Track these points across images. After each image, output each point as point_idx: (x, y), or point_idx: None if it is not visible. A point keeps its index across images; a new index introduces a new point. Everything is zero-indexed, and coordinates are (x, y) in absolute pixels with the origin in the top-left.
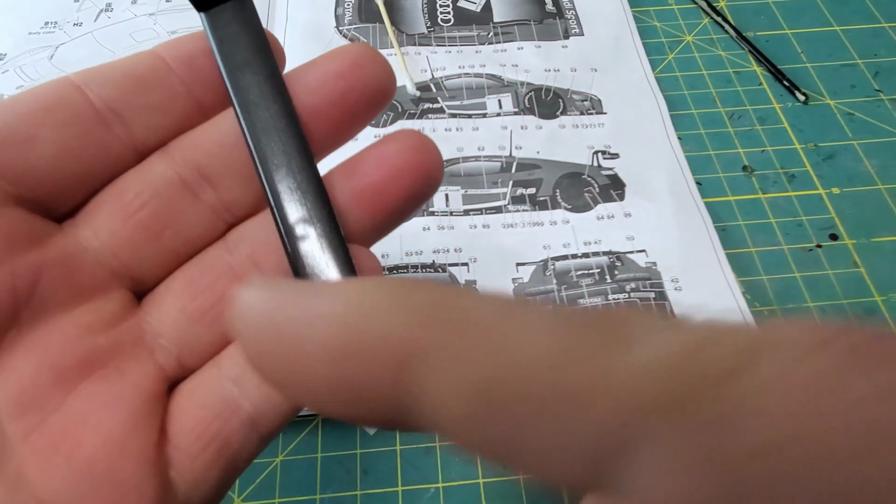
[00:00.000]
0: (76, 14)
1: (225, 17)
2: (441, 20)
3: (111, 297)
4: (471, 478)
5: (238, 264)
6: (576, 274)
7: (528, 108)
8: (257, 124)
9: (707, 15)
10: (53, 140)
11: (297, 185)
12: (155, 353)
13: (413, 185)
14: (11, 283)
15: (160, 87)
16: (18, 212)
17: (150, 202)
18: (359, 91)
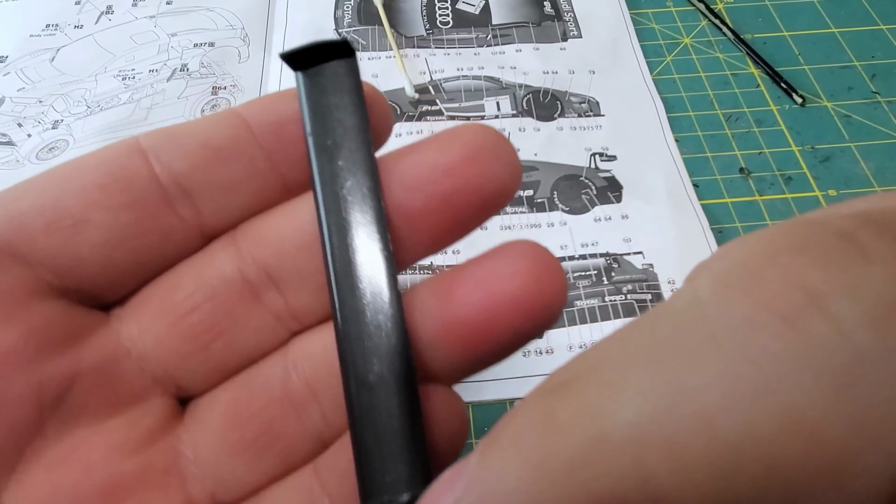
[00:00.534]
0: (77, 16)
1: (322, 80)
2: (440, 22)
3: (149, 407)
4: None
5: (294, 391)
6: (573, 276)
7: (527, 111)
8: (338, 227)
9: (705, 17)
10: (108, 225)
11: (373, 315)
12: (187, 482)
13: (524, 321)
14: (38, 395)
15: (241, 161)
16: (58, 305)
17: (203, 305)
18: (470, 194)
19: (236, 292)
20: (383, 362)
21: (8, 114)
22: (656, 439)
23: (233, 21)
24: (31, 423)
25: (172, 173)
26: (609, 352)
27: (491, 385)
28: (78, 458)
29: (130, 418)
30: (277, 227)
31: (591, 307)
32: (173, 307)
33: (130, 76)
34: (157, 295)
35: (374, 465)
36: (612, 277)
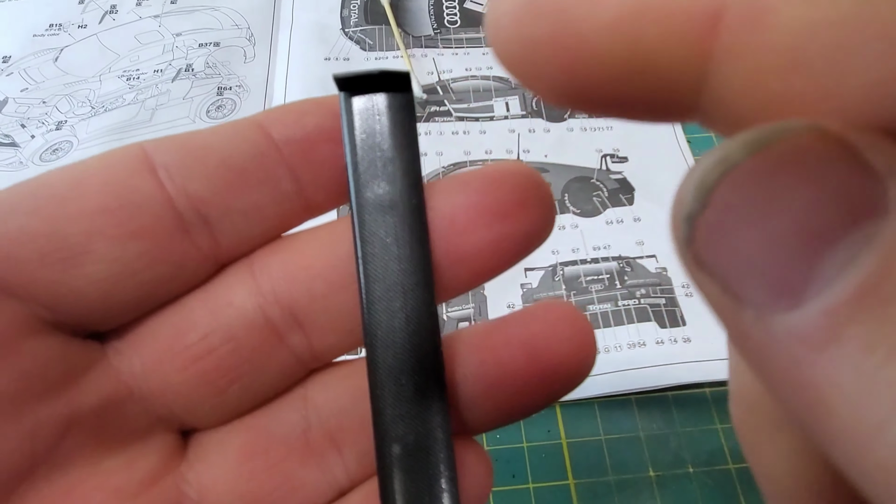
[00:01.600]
0: (81, 16)
1: (374, 113)
2: (448, 22)
3: (151, 445)
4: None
5: (315, 442)
6: (585, 279)
7: (536, 111)
8: (380, 272)
9: None
10: (113, 257)
11: (411, 360)
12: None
13: (561, 385)
14: (30, 442)
15: (265, 184)
16: (52, 341)
17: (219, 349)
18: (519, 238)
19: (257, 334)
20: (422, 430)
21: (11, 115)
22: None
23: (238, 20)
24: (23, 470)
25: (189, 197)
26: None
27: None
28: (73, 503)
29: (130, 458)
30: (307, 262)
31: (603, 312)
32: (185, 349)
33: (135, 76)
34: (165, 331)
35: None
36: (625, 281)
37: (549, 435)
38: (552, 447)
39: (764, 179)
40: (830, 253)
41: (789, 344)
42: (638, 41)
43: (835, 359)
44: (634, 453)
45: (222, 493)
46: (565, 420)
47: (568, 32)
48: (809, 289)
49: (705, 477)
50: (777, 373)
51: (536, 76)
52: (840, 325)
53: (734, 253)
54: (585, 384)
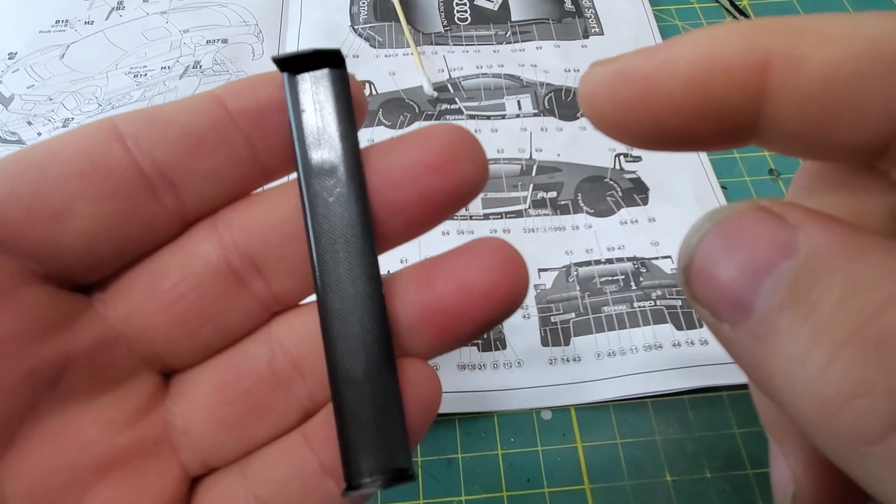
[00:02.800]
0: (87, 12)
1: (312, 87)
2: (458, 19)
3: (139, 383)
4: (494, 490)
5: (280, 370)
6: (599, 280)
7: (548, 110)
8: (325, 227)
9: (729, 14)
10: (90, 215)
11: (355, 302)
12: (179, 451)
13: (492, 311)
14: (31, 380)
15: (222, 150)
16: (44, 290)
17: (189, 294)
18: (449, 190)
19: (221, 280)
20: (367, 355)
21: (17, 112)
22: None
23: (246, 17)
24: (25, 407)
25: (154, 162)
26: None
27: (517, 394)
28: (72, 434)
29: (120, 395)
30: (262, 217)
31: (619, 313)
32: (161, 295)
33: (142, 73)
34: (143, 281)
35: (357, 451)
36: (640, 282)
37: (564, 439)
38: (567, 451)
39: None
40: (765, 282)
41: (747, 342)
42: (708, 92)
43: (773, 345)
44: (651, 458)
45: (202, 420)
46: (580, 424)
47: (653, 94)
48: (755, 306)
49: (723, 482)
50: (746, 364)
51: (628, 131)
52: (773, 323)
53: (712, 289)
54: (601, 387)
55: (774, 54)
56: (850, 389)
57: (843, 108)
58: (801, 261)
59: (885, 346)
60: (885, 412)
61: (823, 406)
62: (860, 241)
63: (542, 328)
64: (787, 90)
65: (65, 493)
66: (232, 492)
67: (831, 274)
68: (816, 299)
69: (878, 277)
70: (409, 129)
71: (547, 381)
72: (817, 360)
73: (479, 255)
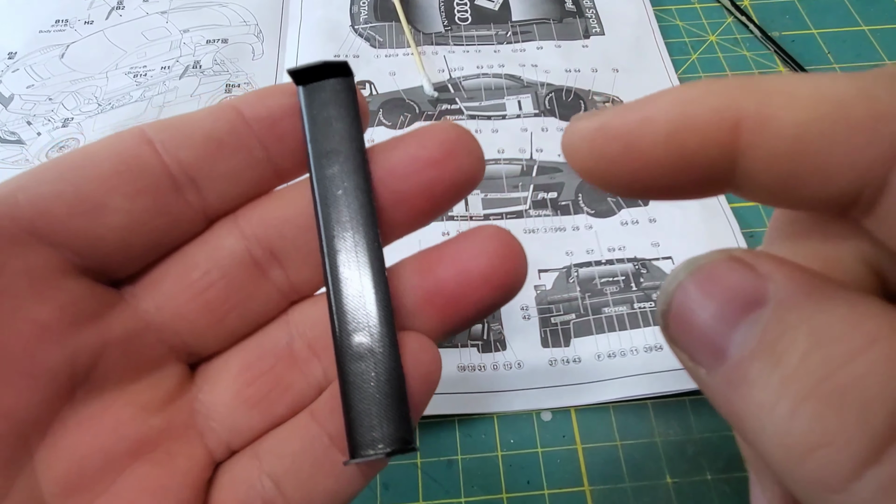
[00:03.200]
0: (87, 12)
1: (322, 95)
2: (458, 19)
3: (167, 372)
4: (494, 492)
5: (298, 351)
6: (600, 281)
7: (549, 110)
8: (334, 218)
9: (731, 14)
10: (125, 210)
11: (360, 283)
12: (205, 435)
13: (492, 294)
14: (71, 363)
15: (241, 152)
16: (82, 282)
17: (218, 282)
18: (448, 181)
19: (245, 269)
20: (370, 332)
21: (17, 111)
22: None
23: (246, 17)
24: (64, 392)
25: (181, 163)
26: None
27: (517, 395)
28: (107, 418)
29: (151, 382)
30: (279, 212)
31: (619, 314)
32: (190, 284)
33: (142, 73)
34: (172, 273)
35: (361, 424)
36: (640, 283)
37: (564, 440)
38: (567, 453)
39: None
40: (737, 331)
41: (721, 387)
42: (685, 150)
43: (744, 393)
44: (651, 459)
45: (228, 401)
46: (581, 425)
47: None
48: (728, 353)
49: (723, 484)
50: (721, 408)
51: (611, 182)
52: (745, 371)
53: (688, 334)
54: (601, 388)
55: (746, 114)
56: (814, 440)
57: (812, 166)
58: (770, 311)
59: (843, 401)
60: (844, 463)
61: (789, 454)
62: (826, 291)
63: (542, 329)
64: (758, 148)
65: (100, 475)
66: (246, 472)
67: (798, 326)
68: (784, 350)
69: (840, 332)
70: (409, 129)
71: (547, 382)
72: (784, 410)
73: (477, 241)
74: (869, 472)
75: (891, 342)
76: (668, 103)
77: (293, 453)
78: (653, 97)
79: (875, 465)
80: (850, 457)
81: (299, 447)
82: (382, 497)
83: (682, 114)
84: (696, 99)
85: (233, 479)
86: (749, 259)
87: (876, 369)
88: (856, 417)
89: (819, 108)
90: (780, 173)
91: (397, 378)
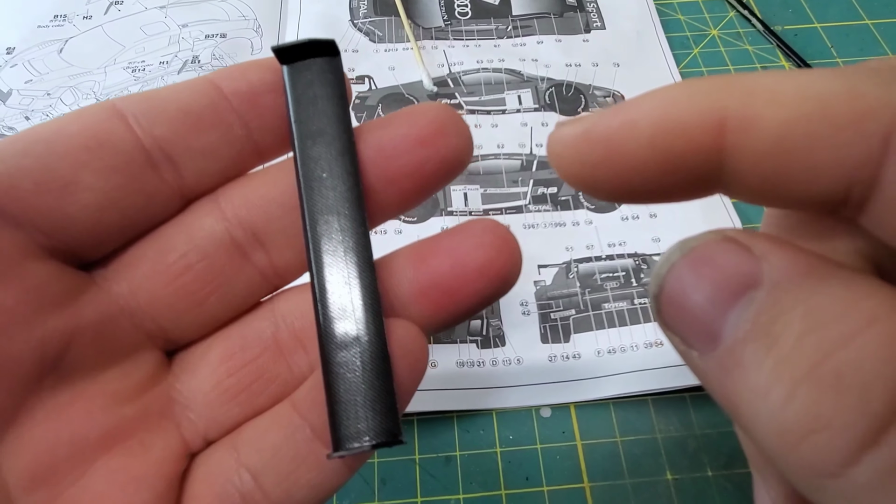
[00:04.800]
0: (86, 7)
1: (308, 74)
2: (458, 13)
3: (142, 359)
4: (493, 489)
5: (283, 341)
6: (600, 277)
7: (549, 104)
8: (318, 202)
9: (733, 8)
10: (97, 187)
11: (346, 269)
12: (181, 425)
13: (486, 287)
14: (39, 351)
15: (218, 128)
16: (50, 265)
17: (196, 265)
18: (438, 161)
19: (226, 252)
20: (356, 320)
21: (15, 107)
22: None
23: (245, 12)
24: (31, 380)
25: (155, 138)
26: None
27: (516, 391)
28: (77, 407)
29: (124, 370)
30: (263, 191)
31: (619, 310)
32: (167, 267)
33: (140, 68)
34: (148, 256)
35: (346, 416)
36: (641, 279)
37: (563, 436)
38: (567, 449)
39: (690, 270)
40: (731, 313)
41: (715, 371)
42: (669, 153)
43: (738, 377)
44: (651, 456)
45: (207, 391)
46: (580, 421)
47: (617, 155)
48: (722, 336)
49: (724, 481)
50: (714, 392)
51: (597, 187)
52: (739, 355)
53: (681, 318)
54: (601, 384)
55: (729, 114)
56: (809, 425)
57: (798, 165)
58: (764, 293)
59: (841, 384)
60: (842, 447)
61: (785, 439)
62: (822, 272)
63: (541, 325)
64: (744, 149)
65: (69, 466)
66: (223, 465)
67: (793, 308)
68: (779, 333)
69: (836, 312)
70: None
71: (546, 378)
72: (778, 395)
73: (472, 234)
74: (867, 457)
75: (890, 322)
76: (651, 106)
77: (273, 446)
78: (636, 100)
79: (873, 449)
80: (848, 441)
81: (280, 439)
82: (380, 493)
83: (665, 116)
84: (679, 100)
85: (209, 472)
86: (743, 239)
87: (874, 351)
88: (853, 400)
89: (803, 106)
90: (767, 173)
91: (384, 367)
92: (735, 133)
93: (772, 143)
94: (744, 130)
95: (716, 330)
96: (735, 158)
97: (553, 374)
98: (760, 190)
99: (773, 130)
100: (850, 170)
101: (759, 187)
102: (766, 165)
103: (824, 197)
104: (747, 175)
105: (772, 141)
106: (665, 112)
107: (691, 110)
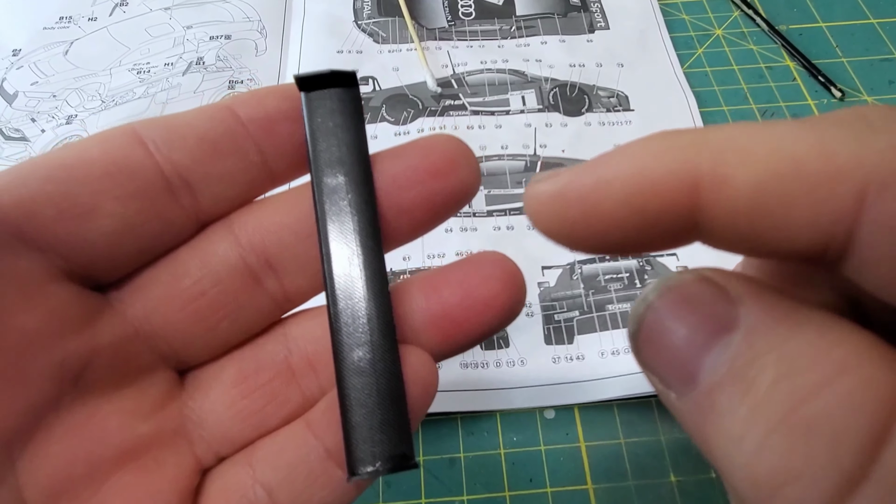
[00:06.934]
0: (91, 9)
1: (329, 104)
2: (462, 14)
3: (156, 379)
4: (496, 490)
5: (296, 365)
6: (604, 278)
7: (553, 105)
8: (337, 230)
9: (737, 7)
10: (116, 213)
11: (363, 296)
12: (194, 444)
13: (493, 319)
14: (59, 371)
15: (235, 154)
16: (70, 288)
17: (209, 291)
18: (449, 193)
19: (239, 278)
20: (372, 346)
21: (21, 108)
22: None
23: (249, 13)
24: (50, 398)
25: (174, 165)
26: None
27: (520, 393)
28: (93, 425)
29: (139, 389)
30: (277, 218)
31: (623, 311)
32: (181, 292)
33: (145, 70)
34: (162, 279)
35: (362, 440)
36: (644, 280)
37: (567, 438)
38: (570, 451)
39: (667, 310)
40: (707, 356)
41: (692, 413)
42: (644, 211)
43: (714, 421)
44: (655, 458)
45: (220, 412)
46: (584, 423)
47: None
48: (699, 378)
49: None
50: (691, 433)
51: (576, 243)
52: (714, 398)
53: (659, 357)
54: (604, 386)
55: (702, 174)
56: (781, 476)
57: (773, 223)
58: (740, 337)
59: (812, 433)
60: (814, 501)
61: (758, 490)
62: (797, 317)
63: (545, 326)
64: (718, 208)
65: (85, 483)
66: (239, 480)
67: (767, 353)
68: (753, 378)
69: (809, 360)
70: (412, 125)
71: (550, 379)
72: (752, 443)
73: (481, 266)
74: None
75: (860, 372)
76: (624, 165)
77: (288, 464)
78: (608, 156)
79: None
80: (819, 495)
81: (295, 458)
82: (384, 495)
83: (637, 175)
84: (651, 159)
85: (225, 487)
86: (720, 280)
87: (844, 401)
88: (824, 453)
89: (775, 166)
90: (743, 229)
91: (398, 394)
92: (708, 192)
93: (745, 203)
94: (717, 190)
95: (693, 372)
96: (710, 216)
97: (557, 376)
98: (738, 243)
99: (747, 191)
100: (826, 227)
101: (737, 241)
102: (741, 223)
103: (802, 251)
104: (723, 231)
105: (745, 200)
106: (637, 171)
107: (663, 170)
